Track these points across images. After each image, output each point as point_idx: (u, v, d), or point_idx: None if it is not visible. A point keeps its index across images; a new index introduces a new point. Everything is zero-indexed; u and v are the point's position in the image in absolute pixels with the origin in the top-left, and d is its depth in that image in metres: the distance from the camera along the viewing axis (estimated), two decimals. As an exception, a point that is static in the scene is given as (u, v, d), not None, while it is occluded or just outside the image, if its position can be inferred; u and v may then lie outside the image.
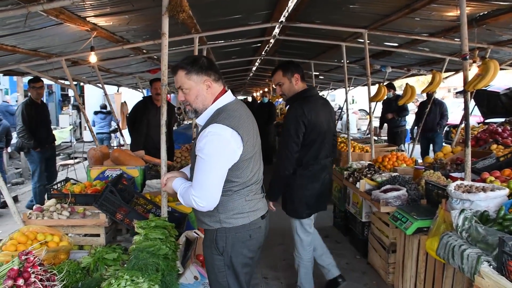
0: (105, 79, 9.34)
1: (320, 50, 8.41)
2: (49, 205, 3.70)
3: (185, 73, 2.36)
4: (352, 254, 5.17)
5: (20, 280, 2.06)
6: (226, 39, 7.01)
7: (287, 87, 3.59)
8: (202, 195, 2.27)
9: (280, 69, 3.61)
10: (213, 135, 2.26)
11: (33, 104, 6.74)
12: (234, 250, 2.46)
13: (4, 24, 3.62)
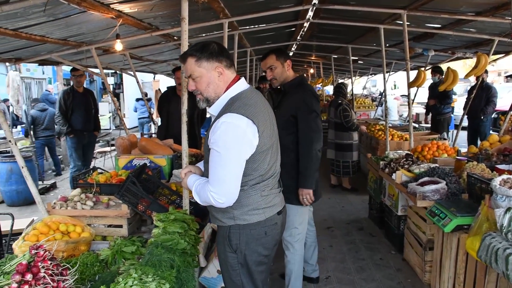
0: (139, 67, 9.39)
1: (357, 34, 8.06)
2: (73, 195, 3.69)
3: (195, 60, 2.21)
4: (387, 249, 4.94)
5: (29, 275, 2.01)
6: (258, 23, 6.82)
7: (279, 72, 3.56)
8: (221, 191, 2.14)
9: (273, 53, 3.59)
10: (228, 125, 2.11)
11: (73, 92, 6.99)
12: (248, 248, 2.32)
13: (28, 14, 3.60)
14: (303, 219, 3.62)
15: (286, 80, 3.59)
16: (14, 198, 7.10)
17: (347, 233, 5.48)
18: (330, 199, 7.07)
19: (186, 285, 2.51)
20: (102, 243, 3.35)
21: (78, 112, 7.04)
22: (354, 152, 7.36)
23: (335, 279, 4.19)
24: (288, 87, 3.60)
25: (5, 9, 3.17)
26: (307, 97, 3.47)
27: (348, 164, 7.41)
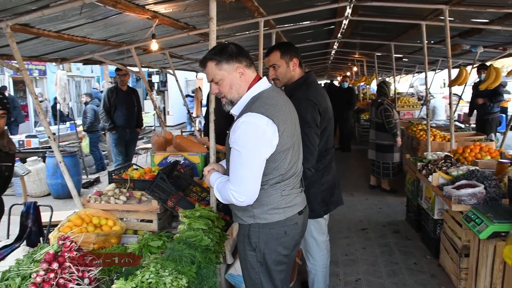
0: (180, 66, 9.59)
1: (399, 31, 7.84)
2: (108, 190, 3.83)
3: (215, 63, 2.24)
4: (422, 253, 4.79)
5: (55, 264, 2.12)
6: (296, 21, 6.78)
7: (282, 71, 3.16)
8: (241, 190, 2.17)
9: (278, 49, 3.18)
10: (248, 125, 2.14)
11: (117, 90, 7.29)
12: (267, 247, 2.34)
13: (68, 16, 3.77)
14: (320, 229, 3.44)
15: (290, 80, 3.19)
16: (60, 191, 7.46)
17: (381, 235, 5.37)
18: (368, 200, 6.95)
19: (206, 281, 2.56)
20: (132, 236, 3.46)
21: (121, 110, 7.33)
22: (395, 153, 7.13)
23: (365, 282, 4.12)
24: (289, 90, 3.18)
25: (46, 12, 3.35)
26: (302, 103, 2.97)
27: (388, 166, 7.23)
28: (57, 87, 8.47)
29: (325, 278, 3.50)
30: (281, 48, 3.18)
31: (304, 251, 3.54)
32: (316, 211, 3.26)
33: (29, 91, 3.49)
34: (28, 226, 3.50)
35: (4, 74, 14.46)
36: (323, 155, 3.22)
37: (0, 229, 3.66)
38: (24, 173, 5.01)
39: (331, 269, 4.35)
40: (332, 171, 3.38)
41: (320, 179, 3.24)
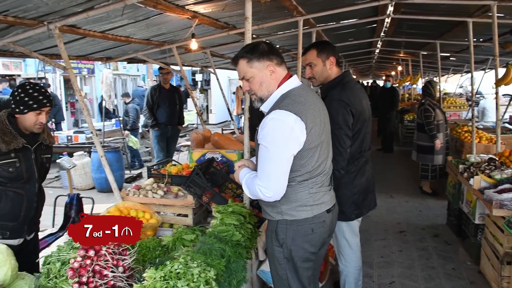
0: (222, 64, 9.72)
1: (445, 29, 7.59)
2: (146, 184, 3.97)
3: (246, 61, 2.30)
4: (462, 259, 4.66)
5: (91, 251, 2.23)
6: (336, 20, 6.73)
7: (319, 70, 3.13)
8: (269, 185, 2.21)
9: (314, 48, 3.15)
10: (276, 122, 2.19)
11: (160, 88, 7.53)
12: (294, 243, 2.37)
13: (112, 17, 3.93)
14: (352, 231, 3.39)
15: (327, 79, 3.16)
16: (103, 185, 7.77)
17: (420, 239, 5.25)
18: (408, 202, 6.81)
19: (235, 275, 2.61)
20: (167, 230, 3.58)
21: (163, 107, 7.55)
22: (436, 155, 6.89)
23: (399, 285, 4.06)
24: (325, 90, 3.18)
25: (91, 14, 3.51)
26: (334, 104, 2.95)
27: (427, 168, 7.04)
28: (103, 85, 8.82)
29: (356, 279, 3.47)
30: (318, 47, 3.16)
31: (336, 252, 3.53)
32: (347, 214, 3.22)
33: (74, 88, 3.67)
34: (71, 216, 3.71)
35: (56, 73, 15.17)
36: (356, 157, 3.17)
37: (46, 218, 3.87)
38: (70, 167, 5.26)
39: (365, 270, 4.32)
40: (366, 174, 3.30)
41: (352, 182, 3.19)
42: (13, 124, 2.87)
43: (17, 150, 2.86)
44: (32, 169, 2.97)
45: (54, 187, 8.44)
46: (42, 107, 2.86)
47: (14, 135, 2.84)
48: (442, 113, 7.08)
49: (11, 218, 2.94)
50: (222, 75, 16.27)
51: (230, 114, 8.69)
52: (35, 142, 3.00)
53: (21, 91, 2.84)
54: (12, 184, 2.90)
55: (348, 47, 10.32)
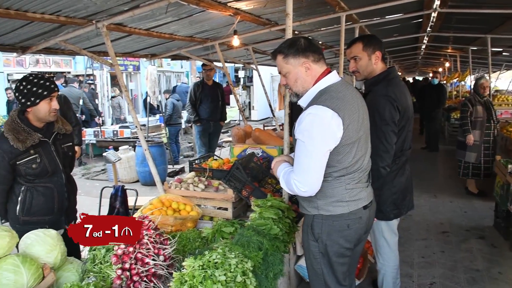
0: (264, 61, 9.77)
1: (497, 22, 7.26)
2: (188, 177, 4.07)
3: (283, 57, 2.33)
4: (509, 263, 4.48)
5: (134, 240, 2.33)
6: (380, 15, 6.61)
7: (364, 64, 3.04)
8: (304, 180, 2.23)
9: (360, 41, 3.07)
10: (313, 117, 2.20)
11: (203, 84, 7.66)
12: (329, 238, 2.38)
13: (156, 15, 4.06)
14: (391, 230, 3.33)
15: (371, 74, 3.07)
16: (147, 179, 8.00)
17: (464, 240, 5.09)
18: (452, 202, 6.59)
19: (272, 267, 2.65)
20: (207, 222, 3.65)
21: (206, 103, 7.68)
22: (468, 152, 6.71)
23: (440, 286, 3.96)
24: (369, 85, 3.11)
25: (136, 12, 3.65)
26: (381, 100, 2.89)
27: (460, 164, 6.91)
28: (148, 81, 9.08)
29: (394, 278, 3.42)
30: (364, 40, 3.08)
31: (374, 250, 3.49)
32: (385, 213, 3.16)
33: (120, 84, 3.82)
34: (116, 207, 3.86)
35: (103, 70, 15.75)
36: (398, 155, 3.10)
37: (93, 209, 4.04)
38: (116, 160, 5.45)
39: (405, 269, 4.26)
40: (406, 173, 3.23)
41: (392, 181, 3.12)
42: (24, 121, 2.88)
43: (35, 146, 2.87)
44: (55, 161, 3.00)
45: (100, 180, 8.79)
46: (52, 92, 2.86)
47: (28, 132, 2.84)
48: (488, 110, 6.77)
49: (46, 212, 3.02)
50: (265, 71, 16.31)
51: (272, 111, 8.73)
52: (51, 134, 3.01)
53: (26, 83, 2.83)
54: (40, 180, 2.96)
55: (392, 43, 10.11)
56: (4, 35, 4.00)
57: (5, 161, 2.81)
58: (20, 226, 2.95)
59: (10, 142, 2.78)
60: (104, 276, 2.37)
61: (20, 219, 2.98)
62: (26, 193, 2.95)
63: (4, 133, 2.83)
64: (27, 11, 3.36)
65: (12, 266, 2.16)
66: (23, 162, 2.85)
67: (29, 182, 2.95)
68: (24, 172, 2.88)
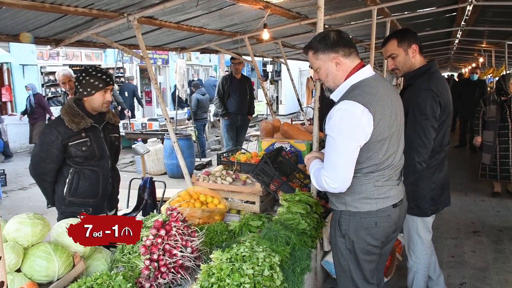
0: (293, 55, 9.70)
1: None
2: (216, 170, 4.09)
3: (313, 53, 2.31)
4: None
5: (162, 231, 2.35)
6: (413, 9, 6.45)
7: (402, 60, 2.99)
8: (334, 176, 2.20)
9: (394, 38, 3.00)
10: (343, 112, 2.16)
11: (231, 78, 7.67)
12: (356, 235, 2.35)
13: (187, 8, 4.07)
14: (426, 227, 3.24)
15: (411, 69, 3.02)
16: (175, 171, 8.09)
17: (496, 240, 4.93)
18: (484, 201, 6.42)
19: (299, 262, 2.64)
20: (235, 215, 3.66)
21: (234, 97, 7.69)
22: (483, 153, 6.60)
23: (470, 287, 3.85)
24: (409, 79, 3.06)
25: (167, 5, 3.67)
26: (421, 94, 2.85)
27: (479, 165, 6.77)
28: (177, 74, 9.16)
29: (426, 277, 3.34)
30: (398, 36, 3.01)
31: (406, 248, 3.41)
32: (423, 209, 3.11)
33: (151, 77, 3.85)
34: (144, 198, 3.91)
35: (133, 63, 15.98)
36: (437, 151, 3.05)
37: (122, 200, 4.10)
38: (144, 152, 5.54)
39: (435, 269, 4.15)
40: (444, 169, 3.19)
41: (431, 176, 3.07)
42: (80, 107, 3.10)
43: (87, 130, 3.09)
44: (103, 147, 3.20)
45: (129, 171, 8.94)
46: (107, 85, 3.08)
47: (82, 116, 3.07)
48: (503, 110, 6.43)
49: (91, 195, 3.20)
50: (293, 66, 16.22)
51: (300, 105, 8.68)
52: (102, 122, 3.23)
53: (85, 74, 3.06)
54: (89, 163, 3.15)
55: (424, 37, 9.85)
56: (39, 28, 4.10)
57: (59, 141, 3.01)
58: (66, 206, 3.17)
59: (65, 123, 3.01)
60: (132, 266, 2.40)
61: (66, 200, 3.15)
62: (74, 175, 3.13)
63: (60, 115, 3.07)
64: (62, 4, 3.42)
65: (45, 253, 2.21)
66: (75, 144, 3.06)
67: (77, 164, 3.13)
68: (74, 153, 3.07)
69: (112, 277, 2.11)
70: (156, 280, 2.24)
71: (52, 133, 3.02)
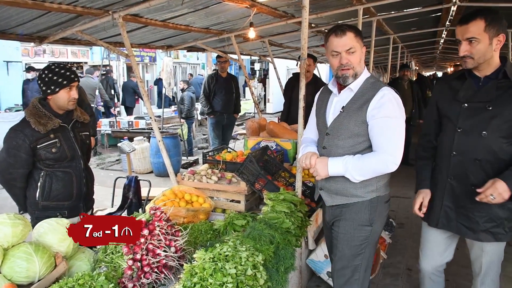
0: (280, 54, 9.71)
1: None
2: (201, 169, 4.08)
3: (355, 35, 2.39)
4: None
5: (145, 231, 2.34)
6: (398, 8, 6.51)
7: (482, 49, 2.32)
8: (399, 155, 2.33)
9: (482, 18, 2.30)
10: (392, 97, 2.36)
11: (217, 76, 7.64)
12: (380, 221, 2.56)
13: (172, 6, 4.05)
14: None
15: (489, 62, 2.40)
16: (161, 170, 8.04)
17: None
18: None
19: (283, 261, 2.64)
20: (220, 214, 3.66)
21: (220, 95, 7.66)
22: None
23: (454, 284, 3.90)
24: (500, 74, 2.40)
25: (152, 3, 3.65)
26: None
27: None
28: (163, 72, 9.12)
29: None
30: (488, 18, 2.30)
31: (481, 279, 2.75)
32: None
33: (136, 75, 3.83)
34: (129, 197, 3.88)
35: (120, 60, 15.85)
36: None
37: (107, 199, 4.08)
38: (130, 151, 5.50)
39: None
40: None
41: None
42: (46, 107, 2.99)
43: (55, 131, 2.98)
44: (74, 147, 3.10)
45: (115, 170, 8.86)
46: (71, 82, 2.96)
47: (49, 116, 2.96)
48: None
49: (65, 197, 3.10)
50: (281, 64, 16.22)
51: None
52: (71, 121, 3.12)
53: (48, 72, 2.95)
54: (60, 164, 3.04)
55: (410, 37, 9.97)
56: (22, 25, 4.04)
57: (26, 144, 2.89)
58: (39, 211, 3.04)
59: (31, 126, 2.88)
60: (115, 266, 2.39)
61: (40, 204, 3.04)
62: (45, 178, 3.02)
63: (25, 117, 2.93)
64: (45, 1, 3.38)
65: (25, 254, 2.19)
66: (44, 146, 2.94)
67: (48, 167, 3.02)
68: (44, 156, 2.96)
69: (94, 278, 2.09)
70: (139, 280, 2.22)
71: (18, 137, 2.89)
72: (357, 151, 2.44)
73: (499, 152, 2.37)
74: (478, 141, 2.40)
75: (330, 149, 2.51)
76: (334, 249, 2.66)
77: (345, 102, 2.48)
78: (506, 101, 2.34)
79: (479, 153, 2.41)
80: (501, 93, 2.36)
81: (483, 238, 2.50)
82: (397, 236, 4.88)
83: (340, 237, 2.58)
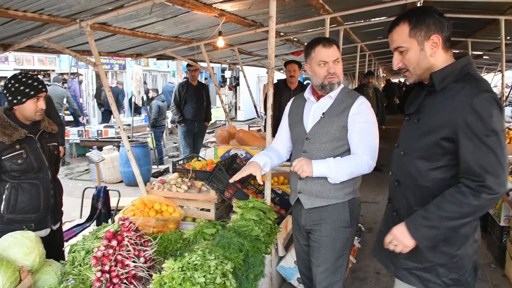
0: (250, 62, 9.78)
1: (476, 27, 7.42)
2: (171, 178, 4.08)
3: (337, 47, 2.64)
4: (486, 261, 4.53)
5: (114, 241, 2.32)
6: (365, 18, 6.69)
7: (414, 57, 1.93)
8: (375, 156, 2.54)
9: (406, 21, 1.90)
10: (367, 104, 2.60)
11: (188, 84, 7.62)
12: (356, 221, 2.70)
13: (141, 15, 4.05)
14: None
15: (430, 70, 1.92)
16: (131, 179, 7.92)
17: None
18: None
19: (253, 268, 2.67)
20: (190, 223, 3.66)
21: (190, 103, 7.65)
22: None
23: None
24: (439, 81, 1.88)
25: (121, 12, 3.63)
26: (479, 101, 1.74)
27: None
28: (133, 80, 9.04)
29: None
30: (412, 20, 1.89)
31: None
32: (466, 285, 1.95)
33: (104, 84, 3.80)
34: (98, 208, 3.84)
35: (89, 68, 15.58)
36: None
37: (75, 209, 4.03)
38: (99, 160, 5.42)
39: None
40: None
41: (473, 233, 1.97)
42: (11, 117, 2.89)
43: (21, 141, 2.88)
44: (41, 158, 2.99)
45: (84, 180, 8.70)
46: (39, 92, 2.88)
47: (15, 127, 2.85)
48: None
49: (32, 209, 2.98)
50: (251, 72, 16.30)
51: (257, 111, 8.75)
52: (38, 131, 3.01)
53: (15, 81, 2.86)
54: (26, 176, 2.93)
55: (377, 45, 10.21)
56: (-15, 33, 3.96)
57: None
58: (5, 225, 2.90)
59: None
60: (83, 278, 2.36)
61: (5, 217, 2.92)
62: (11, 190, 2.90)
63: None
64: (9, 9, 3.32)
65: (-12, 269, 2.14)
66: (9, 158, 2.83)
67: (14, 178, 2.91)
68: (9, 167, 2.86)
69: (61, 290, 2.06)
70: (108, 292, 2.21)
71: None
72: (336, 154, 2.57)
73: (418, 177, 1.94)
74: (399, 160, 2.07)
75: (311, 153, 2.61)
76: (315, 253, 2.70)
77: (325, 108, 2.63)
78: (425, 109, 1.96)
79: (399, 174, 2.08)
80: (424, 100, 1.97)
81: (403, 278, 2.03)
82: (366, 241, 4.98)
83: (324, 240, 2.64)
